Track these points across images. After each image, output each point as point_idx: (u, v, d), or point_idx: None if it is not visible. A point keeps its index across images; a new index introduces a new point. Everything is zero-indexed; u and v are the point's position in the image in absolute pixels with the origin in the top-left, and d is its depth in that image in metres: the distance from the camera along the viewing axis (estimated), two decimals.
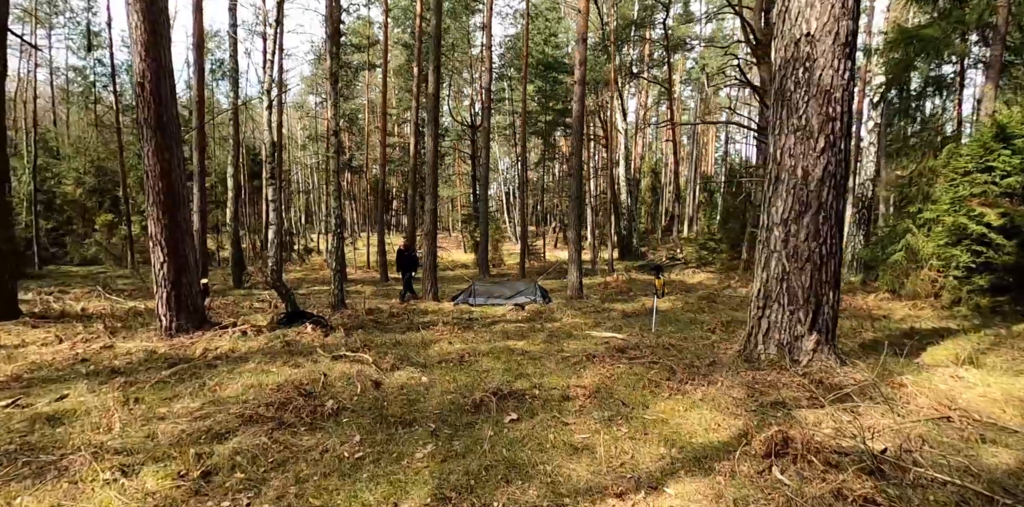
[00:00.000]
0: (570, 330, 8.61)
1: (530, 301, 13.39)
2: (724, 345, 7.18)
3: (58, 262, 26.29)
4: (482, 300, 13.50)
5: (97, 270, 23.43)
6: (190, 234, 7.44)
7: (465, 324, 9.08)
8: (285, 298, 7.88)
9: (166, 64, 6.80)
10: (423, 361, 6.39)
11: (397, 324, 9.11)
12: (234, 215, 15.57)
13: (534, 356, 6.71)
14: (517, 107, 28.46)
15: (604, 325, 9.14)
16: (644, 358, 6.43)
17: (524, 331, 8.46)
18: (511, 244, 36.61)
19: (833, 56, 5.41)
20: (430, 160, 13.32)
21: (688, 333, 8.44)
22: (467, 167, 35.95)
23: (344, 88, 26.62)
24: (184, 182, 7.27)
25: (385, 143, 20.34)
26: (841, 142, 5.50)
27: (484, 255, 20.67)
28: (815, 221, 5.52)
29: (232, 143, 15.55)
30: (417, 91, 19.78)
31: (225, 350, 6.60)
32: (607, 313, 10.96)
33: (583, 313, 10.62)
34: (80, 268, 24.73)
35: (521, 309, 10.42)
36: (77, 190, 27.27)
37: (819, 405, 4.67)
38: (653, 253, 30.23)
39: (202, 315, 7.60)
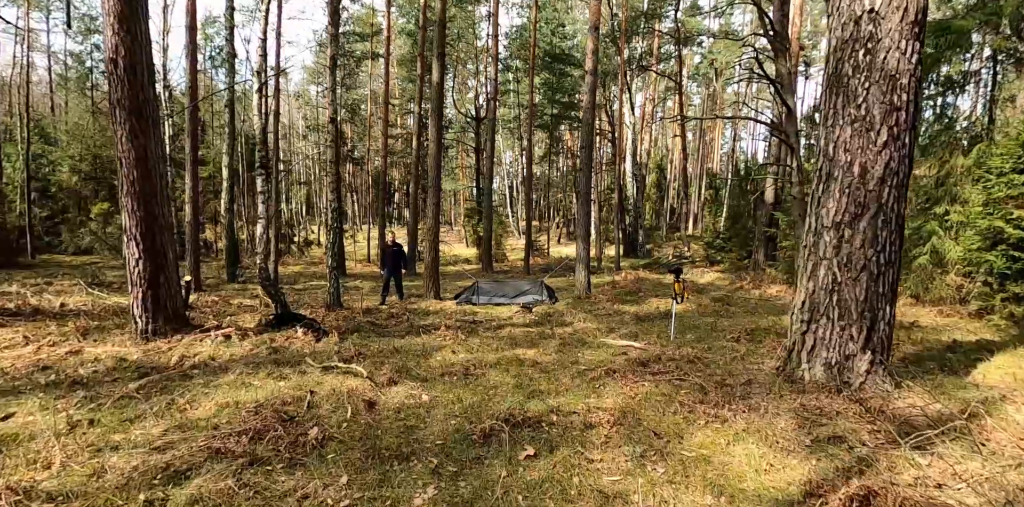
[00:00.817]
0: (583, 337, 7.92)
1: (536, 301, 12.72)
2: (755, 359, 6.49)
3: (53, 251, 25.58)
4: (486, 299, 12.82)
5: (91, 260, 22.74)
6: (169, 228, 6.73)
7: (469, 328, 8.39)
8: (275, 298, 7.20)
9: (142, 39, 6.07)
10: (424, 374, 5.70)
11: (396, 327, 8.42)
12: (229, 205, 14.85)
13: (547, 368, 6.02)
14: (523, 99, 27.67)
15: (619, 331, 8.44)
16: (669, 373, 5.74)
17: (533, 337, 7.77)
18: (514, 239, 35.89)
19: (900, 36, 4.68)
20: (433, 151, 12.58)
21: (711, 342, 7.75)
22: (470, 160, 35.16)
23: (346, 78, 25.84)
24: (163, 170, 6.56)
25: (387, 134, 19.59)
26: (906, 135, 4.77)
27: (488, 251, 19.96)
28: (873, 225, 4.81)
29: (227, 130, 14.81)
30: (421, 81, 19.02)
31: (204, 357, 5.91)
32: (619, 316, 10.27)
33: (595, 316, 9.92)
34: (74, 258, 24.03)
35: (529, 311, 9.73)
36: (73, 178, 26.51)
37: (886, 441, 3.98)
38: (659, 251, 29.52)
39: (182, 316, 6.91)
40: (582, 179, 13.71)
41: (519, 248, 34.66)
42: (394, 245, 12.41)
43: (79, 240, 25.33)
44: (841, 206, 4.91)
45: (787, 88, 16.40)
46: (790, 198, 25.86)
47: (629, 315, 10.31)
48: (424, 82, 19.01)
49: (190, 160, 13.20)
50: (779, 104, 19.48)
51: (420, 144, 19.63)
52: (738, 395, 5.01)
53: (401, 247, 12.65)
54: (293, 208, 35.49)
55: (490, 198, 20.11)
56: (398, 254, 12.37)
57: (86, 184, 26.72)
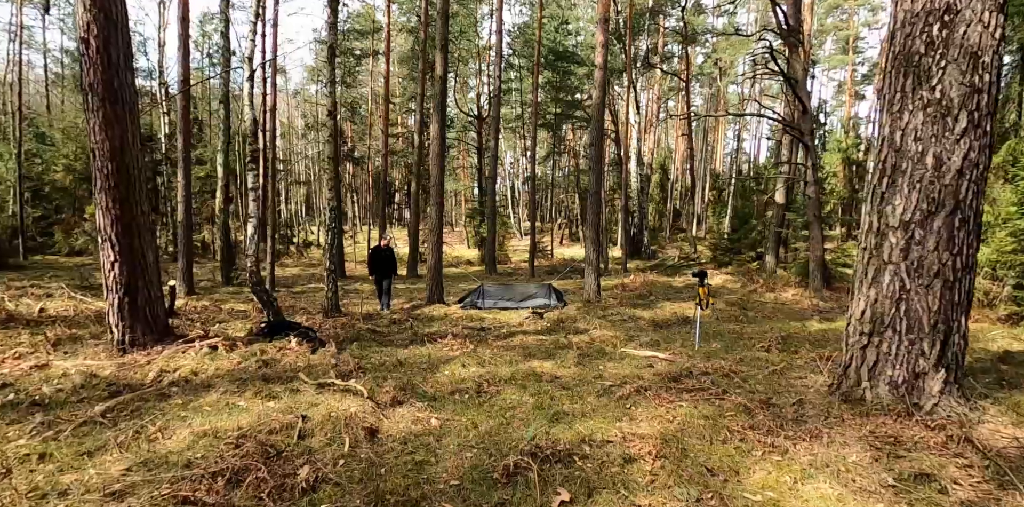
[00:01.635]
0: (602, 346, 7.26)
1: (544, 305, 12.08)
2: (796, 374, 5.84)
3: (46, 252, 24.89)
4: (491, 303, 12.18)
5: (84, 262, 22.04)
6: (150, 228, 6.07)
7: (478, 336, 7.73)
8: (267, 305, 6.55)
9: (118, 17, 5.41)
10: (431, 391, 5.04)
11: (399, 334, 7.75)
12: (224, 205, 14.18)
13: (568, 385, 5.37)
14: (526, 98, 27.04)
15: (639, 339, 7.79)
16: (705, 390, 5.10)
17: (548, 347, 7.12)
18: (515, 240, 35.23)
19: (983, 6, 4.04)
20: (436, 149, 11.94)
21: (740, 352, 7.10)
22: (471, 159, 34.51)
23: (346, 76, 25.20)
24: (142, 165, 5.90)
25: (387, 132, 18.95)
26: (987, 122, 4.13)
27: (491, 252, 19.29)
28: (948, 225, 4.17)
29: (222, 127, 14.15)
30: (423, 78, 18.39)
31: (186, 372, 5.25)
32: (635, 322, 9.62)
33: (609, 323, 9.27)
34: (68, 259, 23.34)
35: (540, 317, 9.08)
36: (67, 177, 25.84)
37: (983, 480, 3.34)
38: (663, 252, 28.88)
39: (165, 325, 6.25)
40: (592, 177, 13.06)
41: (521, 249, 34.02)
42: (387, 249, 11.31)
43: (73, 241, 24.64)
44: (911, 203, 4.27)
45: (801, 84, 15.79)
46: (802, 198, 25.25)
47: (645, 321, 9.66)
48: (426, 78, 18.37)
49: (182, 157, 12.54)
50: (791, 102, 18.88)
51: (422, 143, 18.99)
52: (790, 418, 4.36)
53: (393, 251, 11.60)
54: (292, 208, 34.80)
55: (493, 198, 19.46)
56: (390, 259, 11.28)
57: (80, 184, 26.02)
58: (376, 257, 11.12)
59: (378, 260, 11.12)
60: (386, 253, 11.19)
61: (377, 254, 11.16)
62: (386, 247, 11.25)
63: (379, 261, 11.11)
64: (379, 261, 11.11)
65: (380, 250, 11.21)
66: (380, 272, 11.06)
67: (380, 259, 11.12)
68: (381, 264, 11.08)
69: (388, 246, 11.34)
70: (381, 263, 11.09)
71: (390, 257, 11.28)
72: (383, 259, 11.14)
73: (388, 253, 11.24)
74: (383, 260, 11.14)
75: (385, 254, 11.18)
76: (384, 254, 11.17)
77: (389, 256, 11.26)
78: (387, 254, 11.21)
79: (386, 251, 11.20)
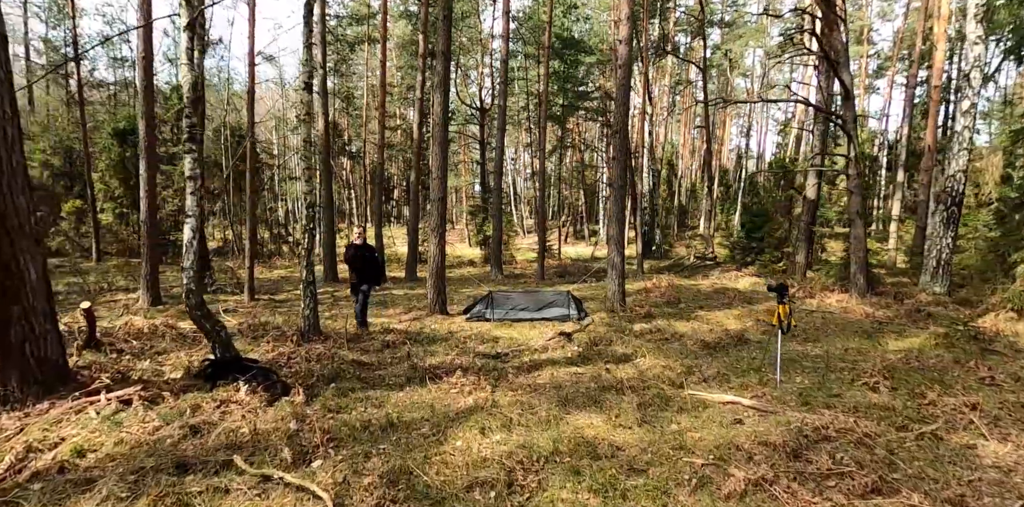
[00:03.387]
0: (658, 383, 5.43)
1: (563, 316, 10.27)
2: (958, 440, 4.03)
3: None
4: (502, 313, 10.36)
5: (58, 264, 20.16)
6: (29, 232, 4.21)
7: (494, 368, 5.87)
8: (211, 335, 4.71)
9: None
10: (436, 485, 3.21)
11: (392, 367, 5.89)
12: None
13: (638, 465, 3.55)
14: (531, 88, 25.16)
15: (699, 372, 5.96)
16: (853, 478, 3.28)
17: (589, 387, 5.28)
18: (519, 238, 33.40)
19: None
20: (438, 135, 10.08)
21: (841, 391, 5.30)
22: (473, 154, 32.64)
23: (340, 64, 23.29)
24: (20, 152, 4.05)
25: (384, 122, 17.07)
26: None
27: (497, 253, 17.42)
28: None
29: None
30: (423, 62, 16.50)
31: (68, 451, 3.41)
32: (679, 342, 7.80)
33: (652, 345, 7.43)
34: None
35: (568, 339, 7.23)
36: (44, 173, 23.92)
37: None
38: (673, 251, 27.06)
39: (58, 369, 4.39)
40: (616, 169, 11.21)
41: (525, 248, 32.16)
42: (365, 249, 8.47)
43: (49, 242, 22.75)
44: None
45: (844, 65, 13.95)
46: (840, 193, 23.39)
47: (691, 340, 7.83)
48: (425, 65, 16.49)
49: (144, 145, 10.66)
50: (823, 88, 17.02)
51: (421, 135, 17.11)
52: None
53: (374, 252, 8.86)
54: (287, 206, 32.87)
55: (499, 194, 17.59)
56: (369, 261, 8.50)
57: (58, 180, 24.13)
58: (353, 258, 8.39)
59: (355, 261, 8.38)
60: (365, 253, 8.43)
61: (353, 256, 8.38)
62: (362, 244, 8.42)
63: (356, 262, 8.39)
64: (356, 262, 8.39)
65: (358, 250, 8.34)
66: (359, 277, 8.42)
67: (356, 259, 8.40)
68: (359, 267, 8.38)
69: (364, 242, 8.49)
70: (359, 265, 8.38)
71: (371, 259, 8.55)
72: (359, 260, 8.38)
73: (368, 253, 8.50)
74: (361, 261, 8.38)
75: (364, 255, 8.40)
76: (362, 255, 8.40)
77: (369, 257, 8.53)
78: (366, 254, 8.45)
79: (364, 250, 8.44)
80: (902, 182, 23.47)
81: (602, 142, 33.90)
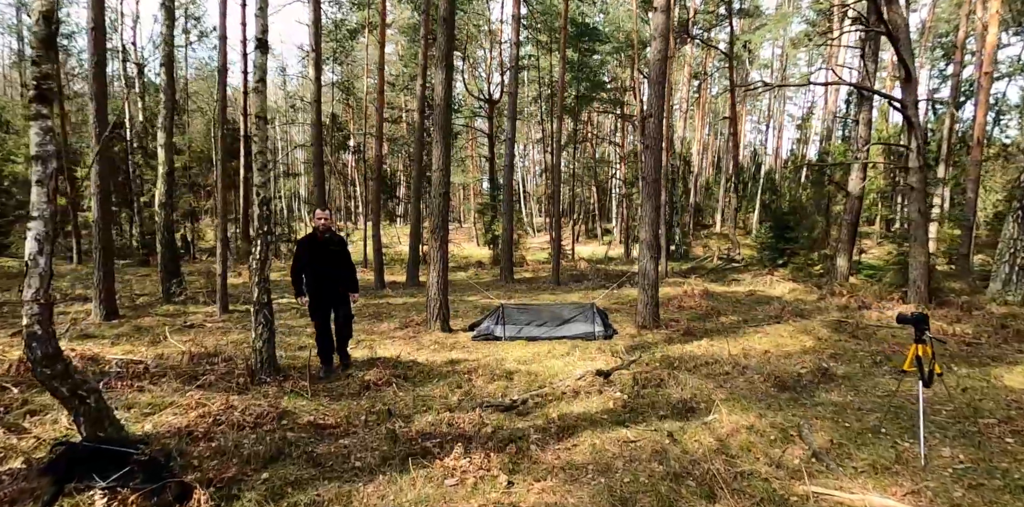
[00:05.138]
0: (754, 464, 3.62)
1: (587, 334, 8.51)
2: None
3: (3, 254, 21.46)
4: (515, 330, 8.61)
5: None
6: None
7: (509, 432, 4.07)
8: (73, 406, 2.94)
9: None
10: None
11: (364, 429, 4.11)
12: (165, 198, 10.56)
13: None
14: (543, 77, 23.30)
15: (803, 437, 4.14)
16: None
17: (653, 473, 3.47)
18: (529, 237, 31.58)
19: None
20: (440, 119, 8.29)
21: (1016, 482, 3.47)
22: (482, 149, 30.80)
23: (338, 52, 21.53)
24: None
25: (383, 108, 15.30)
26: None
27: (508, 256, 15.58)
28: None
29: (164, 97, 10.56)
30: (425, 46, 14.70)
31: None
32: (742, 375, 6.00)
33: (715, 383, 5.62)
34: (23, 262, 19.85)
35: (606, 378, 5.41)
36: (28, 169, 22.29)
37: None
38: (692, 251, 25.13)
39: None
40: (649, 160, 9.35)
41: (535, 247, 30.33)
42: (330, 241, 5.70)
43: None
44: None
45: (905, 42, 12.00)
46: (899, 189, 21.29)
47: (759, 374, 6.01)
48: (428, 45, 14.69)
49: (95, 131, 8.94)
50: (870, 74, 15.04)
51: (423, 125, 15.32)
52: None
53: (345, 245, 6.00)
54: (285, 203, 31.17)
55: (510, 191, 15.75)
56: (341, 258, 5.78)
57: None
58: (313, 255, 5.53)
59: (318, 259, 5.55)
60: (332, 247, 5.66)
61: (312, 247, 5.55)
62: (326, 236, 5.65)
63: (322, 262, 5.57)
64: (322, 262, 5.57)
65: (318, 242, 5.60)
66: (325, 286, 5.59)
67: (321, 257, 5.57)
68: (325, 269, 5.59)
69: (328, 230, 5.69)
70: (325, 267, 5.59)
71: (342, 255, 5.77)
72: (328, 258, 5.61)
73: (336, 246, 5.73)
74: (328, 260, 5.61)
75: (331, 249, 5.65)
76: (329, 249, 5.63)
77: (340, 252, 5.75)
78: (333, 249, 5.67)
79: (330, 243, 5.66)
80: (943, 178, 21.41)
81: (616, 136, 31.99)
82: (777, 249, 18.88)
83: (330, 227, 5.81)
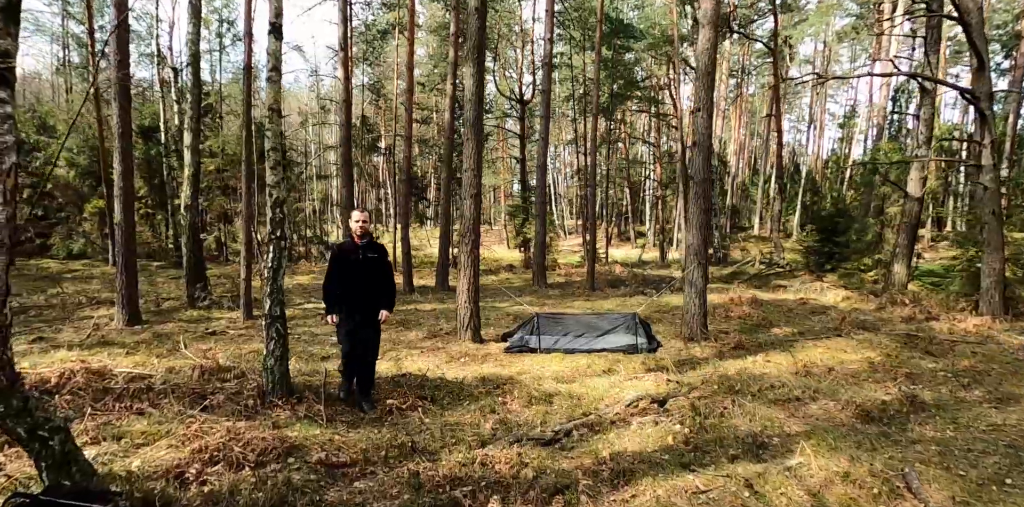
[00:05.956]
0: None
1: (629, 347, 7.81)
2: None
3: (44, 255, 21.82)
4: (551, 342, 7.96)
5: (71, 268, 18.78)
6: None
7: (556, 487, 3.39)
8: (31, 450, 2.46)
9: None
10: None
11: (383, 468, 3.49)
12: (190, 201, 10.25)
13: None
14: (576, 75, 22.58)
15: (913, 490, 3.37)
16: None
17: None
18: (560, 240, 30.84)
19: None
20: (471, 115, 7.69)
21: None
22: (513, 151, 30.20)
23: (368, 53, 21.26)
24: None
25: (412, 108, 14.82)
26: None
27: (541, 260, 14.90)
28: None
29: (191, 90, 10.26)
30: (456, 44, 14.17)
31: None
32: (815, 401, 5.22)
33: (786, 412, 4.85)
34: (62, 264, 20.16)
35: (661, 406, 4.69)
36: (70, 173, 22.67)
37: None
38: (730, 255, 24.00)
39: None
40: (697, 158, 8.58)
41: (566, 250, 29.57)
42: (368, 245, 4.80)
43: (71, 243, 21.47)
44: None
45: (977, 28, 10.92)
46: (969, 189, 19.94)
47: (835, 401, 5.21)
48: (459, 46, 14.17)
49: (119, 131, 8.63)
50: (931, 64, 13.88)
51: (452, 125, 14.79)
52: None
53: (386, 254, 4.99)
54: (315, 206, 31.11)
55: (543, 192, 15.08)
56: (382, 270, 4.87)
57: (84, 180, 22.85)
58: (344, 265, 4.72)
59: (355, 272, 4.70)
60: (370, 254, 4.76)
61: (348, 256, 4.73)
62: (363, 238, 4.75)
63: (358, 275, 4.70)
64: (358, 275, 4.70)
65: (351, 248, 4.76)
66: (359, 303, 4.73)
67: (358, 270, 4.70)
68: (362, 284, 4.71)
69: (367, 235, 4.79)
70: (362, 281, 4.71)
71: (382, 265, 4.85)
72: (367, 271, 4.73)
73: (377, 254, 4.82)
74: (368, 273, 4.73)
75: (369, 256, 4.75)
76: (369, 259, 4.74)
77: (380, 260, 4.82)
78: (372, 255, 4.76)
79: (370, 250, 4.77)
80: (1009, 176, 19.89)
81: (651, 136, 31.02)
82: (824, 253, 17.73)
83: (369, 231, 4.85)
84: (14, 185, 2.47)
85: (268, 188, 4.47)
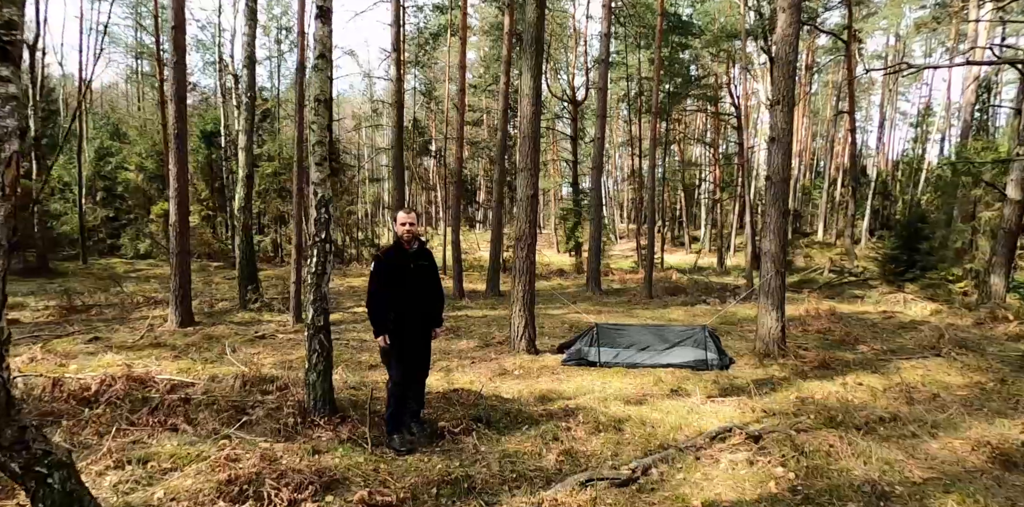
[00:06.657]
0: None
1: (699, 362, 7.10)
2: None
3: (113, 255, 22.78)
4: (611, 355, 7.32)
5: (138, 268, 19.43)
6: None
7: None
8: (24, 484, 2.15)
9: None
10: None
11: None
12: (244, 202, 10.18)
13: None
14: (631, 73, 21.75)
15: None
16: None
17: None
18: (612, 244, 29.93)
19: None
20: (528, 110, 7.17)
21: None
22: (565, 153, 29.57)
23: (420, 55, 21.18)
24: None
25: (464, 109, 14.46)
26: None
27: (595, 266, 14.19)
28: None
29: (244, 101, 10.22)
30: (508, 43, 13.72)
31: None
32: (933, 437, 4.40)
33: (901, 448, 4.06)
34: (130, 263, 20.96)
35: (756, 442, 3.98)
36: (138, 176, 23.61)
37: None
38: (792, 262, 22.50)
39: None
40: (776, 156, 7.76)
41: (618, 255, 28.66)
42: (418, 251, 4.13)
43: (139, 243, 22.32)
44: None
45: None
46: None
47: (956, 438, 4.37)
48: (512, 44, 13.72)
49: (175, 134, 8.58)
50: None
51: (505, 126, 14.32)
52: None
53: (434, 260, 4.36)
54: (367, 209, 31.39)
55: (598, 195, 14.39)
56: (432, 278, 4.26)
57: (152, 183, 23.76)
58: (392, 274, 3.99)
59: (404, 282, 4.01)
60: (421, 262, 4.15)
61: (396, 264, 4.03)
62: (412, 242, 4.09)
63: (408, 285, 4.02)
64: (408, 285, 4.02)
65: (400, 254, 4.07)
66: (399, 327, 4.00)
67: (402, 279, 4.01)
68: (412, 296, 4.04)
69: (415, 239, 4.12)
70: (404, 294, 4.00)
71: (428, 274, 4.21)
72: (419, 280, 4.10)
73: (424, 261, 4.18)
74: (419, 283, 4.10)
75: (420, 265, 4.13)
76: (417, 266, 4.09)
77: (426, 270, 4.19)
78: (421, 265, 4.14)
79: (419, 257, 4.14)
80: None
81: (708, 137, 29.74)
82: (903, 261, 16.22)
83: (417, 235, 4.19)
84: (15, 176, 2.10)
85: (313, 186, 4.06)
